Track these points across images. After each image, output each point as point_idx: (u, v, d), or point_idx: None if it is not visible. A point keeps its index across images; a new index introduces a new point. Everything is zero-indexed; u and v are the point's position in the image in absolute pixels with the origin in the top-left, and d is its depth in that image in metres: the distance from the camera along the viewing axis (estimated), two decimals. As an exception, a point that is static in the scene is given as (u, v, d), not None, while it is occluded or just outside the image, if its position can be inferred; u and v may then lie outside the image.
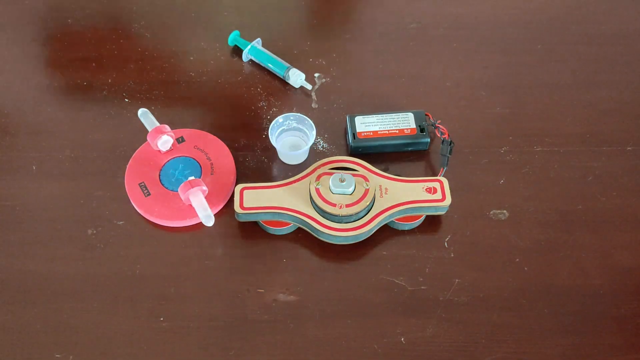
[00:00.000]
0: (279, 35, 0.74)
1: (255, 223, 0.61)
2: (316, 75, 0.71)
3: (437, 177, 0.61)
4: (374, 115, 0.65)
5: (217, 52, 0.73)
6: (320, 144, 0.66)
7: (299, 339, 0.55)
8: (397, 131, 0.64)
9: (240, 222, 0.61)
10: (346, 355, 0.55)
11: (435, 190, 0.59)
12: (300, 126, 0.65)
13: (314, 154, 0.65)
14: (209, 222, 0.59)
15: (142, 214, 0.61)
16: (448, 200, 0.59)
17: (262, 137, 0.66)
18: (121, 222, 0.61)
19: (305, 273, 0.59)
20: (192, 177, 0.61)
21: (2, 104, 0.69)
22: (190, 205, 0.60)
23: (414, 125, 0.65)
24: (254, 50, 0.71)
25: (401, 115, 0.65)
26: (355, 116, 0.65)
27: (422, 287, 0.58)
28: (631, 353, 0.54)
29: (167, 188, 0.62)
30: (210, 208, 0.59)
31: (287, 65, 0.70)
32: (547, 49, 0.73)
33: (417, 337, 0.55)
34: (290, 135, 0.66)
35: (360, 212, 0.57)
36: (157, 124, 0.63)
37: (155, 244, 0.60)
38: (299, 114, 0.64)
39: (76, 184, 0.63)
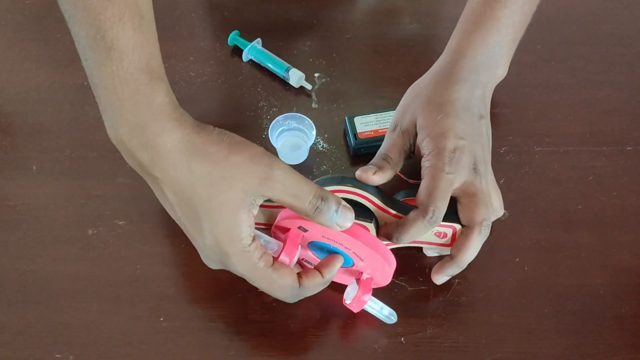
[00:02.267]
0: (279, 35, 0.74)
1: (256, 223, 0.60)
2: (316, 75, 0.71)
3: (451, 224, 0.54)
4: (373, 115, 0.65)
5: (217, 52, 0.73)
6: (320, 144, 0.66)
7: (299, 339, 0.55)
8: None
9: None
10: (346, 355, 0.55)
11: (445, 235, 0.55)
12: (300, 126, 0.65)
13: (314, 154, 0.65)
14: (392, 319, 0.55)
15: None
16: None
17: (262, 137, 0.66)
18: (121, 222, 0.61)
19: (305, 273, 0.59)
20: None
21: (2, 104, 0.69)
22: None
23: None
24: (254, 50, 0.71)
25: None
26: (354, 117, 0.65)
27: (422, 287, 0.58)
28: (631, 353, 0.55)
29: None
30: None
31: (287, 65, 0.70)
32: (546, 49, 0.73)
33: (417, 337, 0.55)
34: (290, 135, 0.66)
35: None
36: (274, 242, 0.52)
37: (155, 244, 0.60)
38: (299, 114, 0.64)
39: (76, 184, 0.63)
